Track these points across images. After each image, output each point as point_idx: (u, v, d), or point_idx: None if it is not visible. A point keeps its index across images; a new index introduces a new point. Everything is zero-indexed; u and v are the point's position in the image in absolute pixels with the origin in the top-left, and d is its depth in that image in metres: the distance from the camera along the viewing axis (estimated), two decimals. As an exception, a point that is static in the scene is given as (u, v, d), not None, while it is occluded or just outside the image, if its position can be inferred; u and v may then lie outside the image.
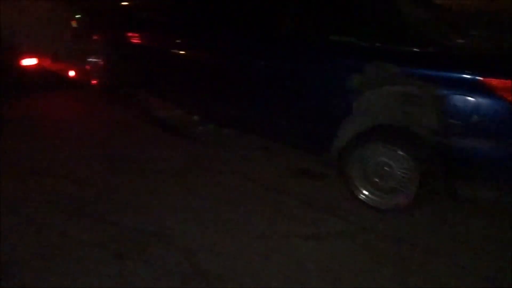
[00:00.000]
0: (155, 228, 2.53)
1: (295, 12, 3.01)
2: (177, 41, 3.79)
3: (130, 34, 4.19)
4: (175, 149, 3.59)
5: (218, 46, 3.48)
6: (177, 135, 3.84)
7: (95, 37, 4.49)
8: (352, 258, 2.31)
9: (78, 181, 3.07)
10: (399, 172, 2.65)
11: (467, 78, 2.40)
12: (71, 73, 4.85)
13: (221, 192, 2.95)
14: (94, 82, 4.60)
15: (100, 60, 4.47)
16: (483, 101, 2.35)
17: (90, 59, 4.59)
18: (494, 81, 2.34)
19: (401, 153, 2.62)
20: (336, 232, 2.53)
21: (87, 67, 4.63)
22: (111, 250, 2.32)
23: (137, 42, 4.18)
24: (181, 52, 3.79)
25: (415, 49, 2.59)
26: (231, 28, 3.40)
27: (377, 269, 2.23)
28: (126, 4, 5.20)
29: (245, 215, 2.69)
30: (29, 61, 4.87)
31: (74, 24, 4.95)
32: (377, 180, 2.75)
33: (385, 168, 2.70)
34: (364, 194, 2.80)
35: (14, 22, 4.95)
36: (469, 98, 2.37)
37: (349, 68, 2.69)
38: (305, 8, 3.02)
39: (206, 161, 3.40)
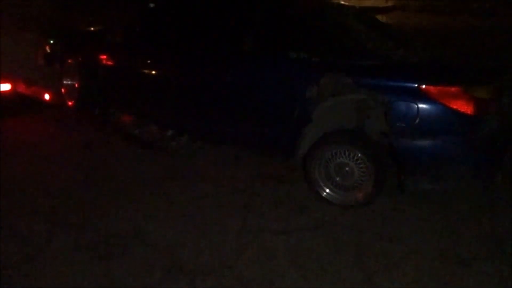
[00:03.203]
0: (135, 232, 2.71)
1: (258, 32, 3.33)
2: (148, 60, 4.03)
3: (102, 56, 4.39)
4: (150, 162, 3.75)
5: (188, 63, 3.73)
6: (151, 149, 4.01)
7: (69, 61, 4.67)
8: (318, 249, 2.56)
9: (58, 194, 3.19)
10: (357, 171, 2.96)
11: (409, 86, 2.76)
12: (46, 96, 4.97)
13: (195, 198, 3.14)
14: (70, 103, 4.73)
15: (75, 82, 4.63)
16: (423, 105, 2.70)
17: (65, 82, 4.75)
18: (431, 88, 2.71)
19: (358, 154, 2.93)
20: (304, 227, 2.78)
21: (62, 89, 4.78)
22: (96, 253, 2.49)
23: (109, 63, 4.37)
24: (153, 70, 4.02)
25: (363, 62, 2.94)
26: (199, 47, 3.68)
27: (340, 256, 2.49)
28: (97, 29, 5.43)
29: (219, 216, 2.90)
30: (3, 87, 4.96)
31: (47, 49, 5.11)
32: (338, 179, 3.04)
33: (345, 168, 3.00)
34: (327, 193, 3.08)
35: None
36: (412, 103, 2.73)
37: (307, 80, 3.00)
38: (266, 28, 3.35)
39: (180, 171, 3.59)
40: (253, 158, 3.71)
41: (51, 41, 5.07)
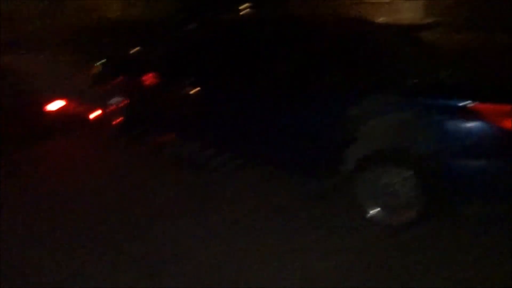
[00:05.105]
0: (173, 254, 2.73)
1: (300, 59, 3.33)
2: (191, 81, 4.07)
3: (146, 77, 4.53)
4: (191, 181, 3.79)
5: (232, 87, 3.72)
6: (192, 168, 4.06)
7: (118, 80, 4.85)
8: (360, 270, 2.52)
9: (96, 213, 3.29)
10: (404, 191, 2.86)
11: (458, 105, 2.68)
12: (94, 114, 5.16)
13: (236, 218, 3.12)
14: (114, 122, 4.90)
15: (122, 102, 4.79)
16: (473, 125, 2.62)
17: (111, 102, 4.92)
18: (482, 107, 2.62)
19: (405, 173, 2.84)
20: (347, 248, 2.72)
21: (110, 108, 4.96)
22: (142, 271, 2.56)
23: (152, 84, 4.50)
24: (195, 91, 4.08)
25: (411, 81, 2.89)
26: (245, 73, 3.66)
27: (383, 278, 2.43)
28: (142, 51, 5.62)
29: (259, 236, 2.89)
30: (58, 104, 5.19)
31: (96, 70, 5.33)
32: (385, 199, 2.95)
33: (392, 188, 2.90)
34: (373, 213, 2.99)
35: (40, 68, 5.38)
36: (461, 123, 2.65)
37: (355, 101, 2.97)
38: (310, 49, 3.35)
39: (218, 190, 3.59)
40: (295, 177, 3.64)
41: (100, 62, 5.29)
